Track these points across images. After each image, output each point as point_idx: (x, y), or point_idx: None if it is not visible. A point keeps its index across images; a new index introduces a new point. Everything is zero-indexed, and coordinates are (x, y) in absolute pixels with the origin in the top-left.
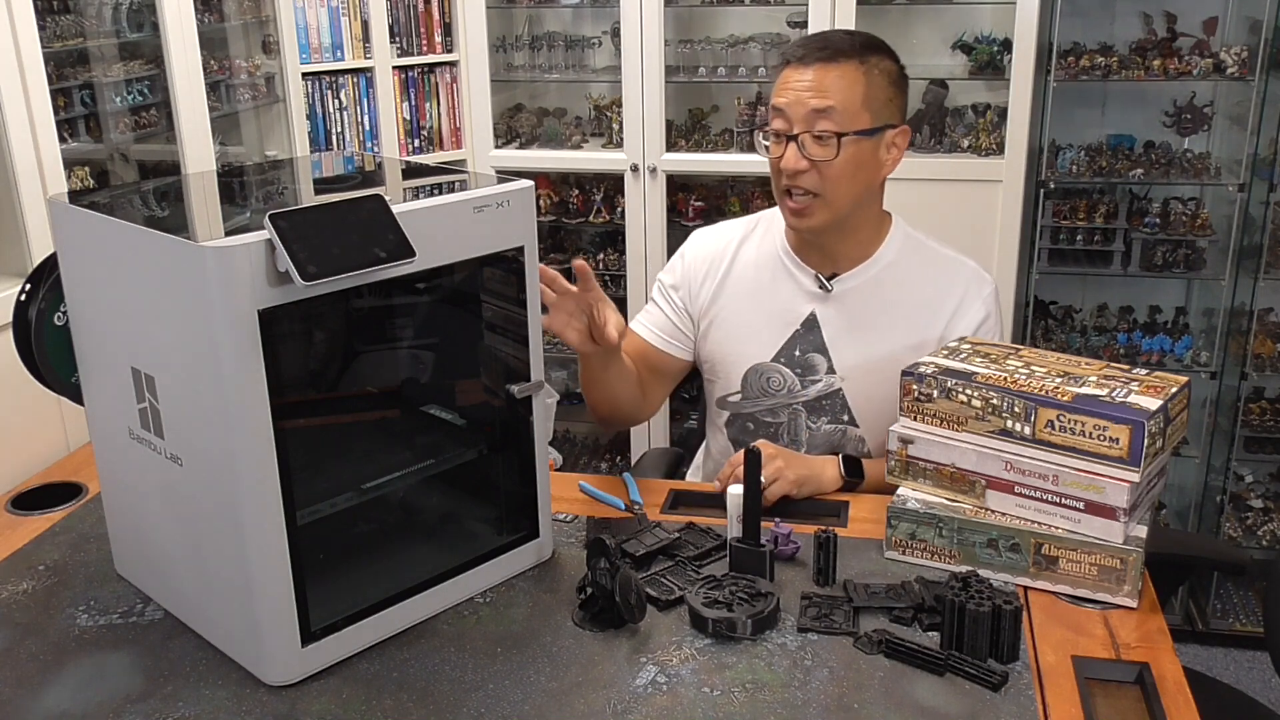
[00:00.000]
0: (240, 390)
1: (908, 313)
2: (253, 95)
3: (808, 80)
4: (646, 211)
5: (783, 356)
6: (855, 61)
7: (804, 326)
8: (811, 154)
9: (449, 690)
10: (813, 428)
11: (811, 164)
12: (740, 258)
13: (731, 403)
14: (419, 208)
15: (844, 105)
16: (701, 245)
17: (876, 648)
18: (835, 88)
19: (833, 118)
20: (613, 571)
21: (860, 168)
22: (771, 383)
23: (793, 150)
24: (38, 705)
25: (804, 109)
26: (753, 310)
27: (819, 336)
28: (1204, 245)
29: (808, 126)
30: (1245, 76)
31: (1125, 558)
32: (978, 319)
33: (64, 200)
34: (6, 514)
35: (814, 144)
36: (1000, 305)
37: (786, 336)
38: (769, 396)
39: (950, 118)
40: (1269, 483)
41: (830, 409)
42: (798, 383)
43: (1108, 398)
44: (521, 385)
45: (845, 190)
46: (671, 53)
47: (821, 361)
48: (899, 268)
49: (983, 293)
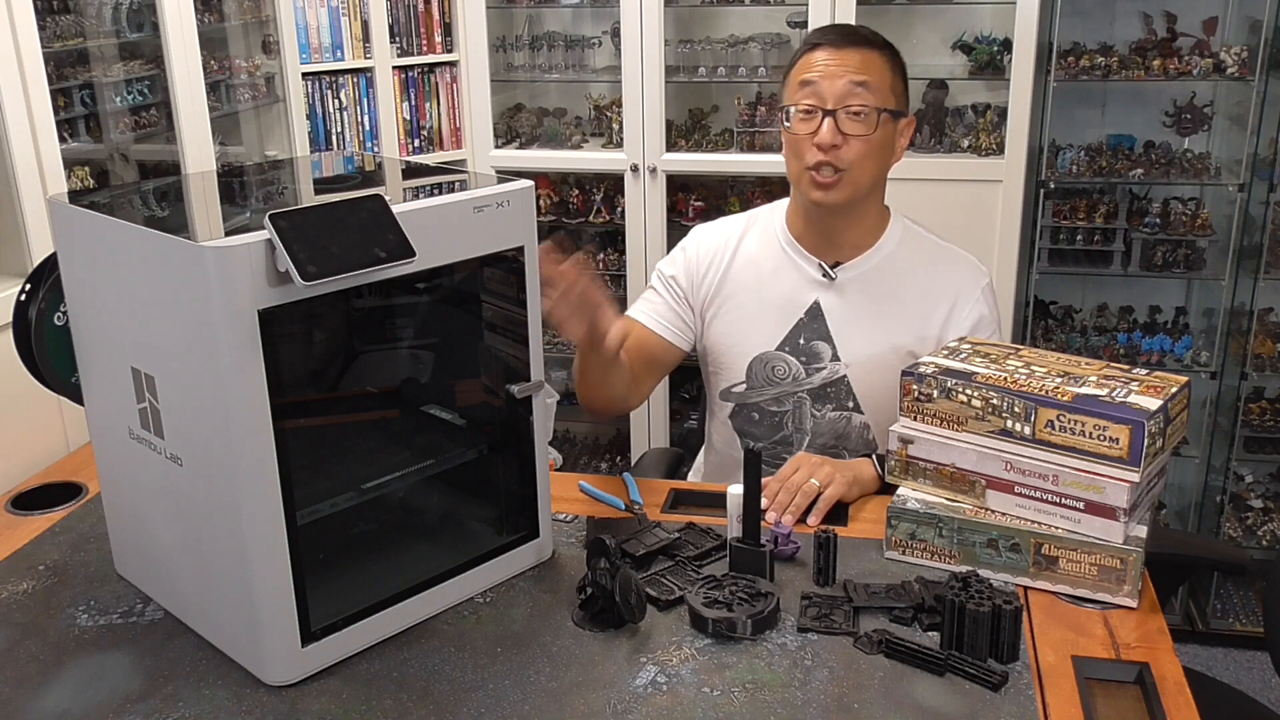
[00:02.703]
0: (240, 390)
1: (909, 302)
2: (253, 95)
3: (842, 58)
4: (646, 211)
5: (787, 345)
6: (879, 49)
7: (808, 315)
8: (848, 129)
9: (449, 690)
10: (817, 415)
11: (845, 140)
12: (742, 251)
13: (736, 393)
14: (419, 208)
15: (876, 83)
16: (703, 239)
17: (876, 648)
18: (870, 67)
19: (870, 91)
20: (613, 571)
21: (884, 148)
22: (776, 371)
23: (829, 125)
24: (38, 705)
25: (841, 83)
26: (756, 300)
27: (823, 324)
28: (1204, 245)
29: (843, 102)
30: (1245, 76)
31: (1125, 558)
32: (976, 311)
33: (64, 200)
34: (6, 514)
35: (850, 119)
36: (995, 296)
37: (791, 325)
38: (774, 385)
39: (950, 118)
40: (1269, 483)
41: (835, 396)
42: (802, 370)
43: (1108, 398)
44: (521, 385)
45: (870, 169)
46: (671, 53)
47: (826, 349)
48: (899, 258)
49: (980, 284)
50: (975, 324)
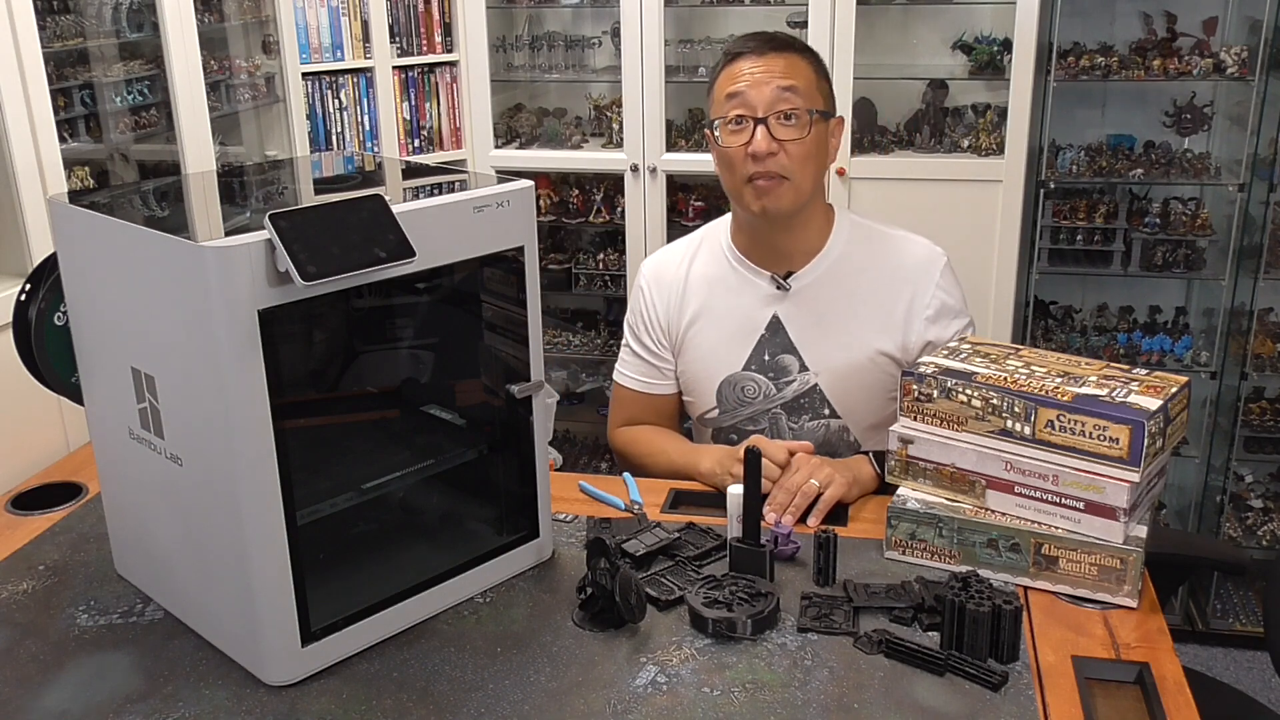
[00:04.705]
0: (240, 390)
1: (868, 298)
2: (253, 95)
3: (767, 64)
4: (646, 211)
5: (753, 364)
6: (798, 52)
7: (769, 330)
8: (780, 135)
9: (449, 690)
10: (795, 428)
11: (780, 146)
12: (692, 275)
13: (710, 419)
14: (419, 208)
15: (804, 86)
16: (652, 273)
17: (876, 648)
18: (795, 71)
19: (799, 95)
20: (613, 571)
21: (820, 149)
22: (746, 391)
23: (762, 133)
24: (38, 705)
25: (768, 90)
26: (715, 325)
27: (786, 337)
28: (1204, 245)
29: (773, 108)
30: (1245, 76)
31: (1125, 558)
32: (937, 299)
33: (64, 200)
34: (6, 514)
35: (781, 125)
36: (956, 276)
37: (754, 343)
38: (746, 405)
39: (950, 118)
40: (1269, 483)
41: (810, 406)
42: (772, 387)
43: (1108, 398)
44: (521, 385)
45: (809, 171)
46: (671, 53)
47: (793, 361)
48: (852, 257)
49: (937, 266)
50: (938, 311)
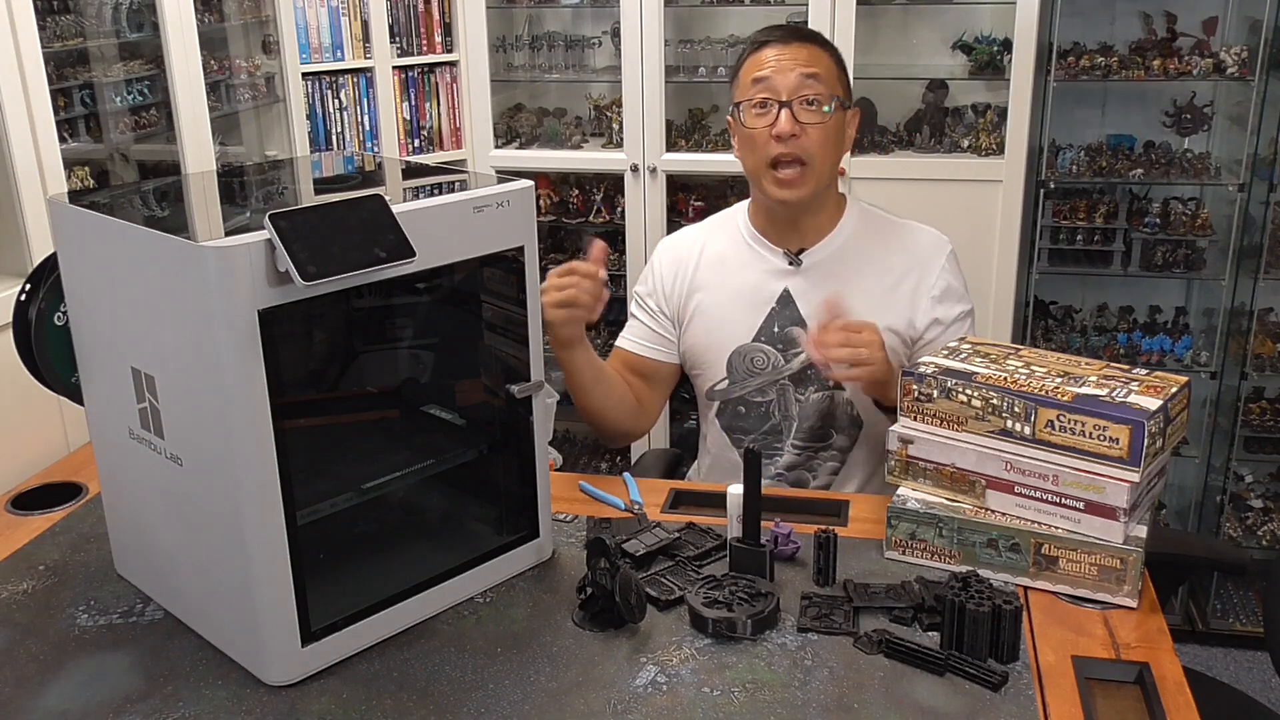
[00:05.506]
0: (240, 390)
1: (877, 277)
2: (253, 95)
3: (792, 53)
4: (646, 211)
5: (763, 335)
6: (822, 45)
7: (779, 303)
8: (804, 118)
9: (449, 690)
10: (801, 399)
11: (803, 129)
12: (707, 252)
13: (720, 390)
14: (419, 208)
15: (825, 74)
16: (668, 249)
17: (876, 648)
18: (817, 60)
19: (822, 81)
20: (613, 571)
21: (839, 135)
22: (755, 362)
23: (786, 115)
24: (38, 705)
25: (793, 76)
26: (727, 297)
27: (795, 310)
28: (1204, 245)
29: (797, 93)
30: (1245, 76)
31: (1125, 558)
32: (944, 280)
33: (64, 200)
34: (6, 514)
35: (805, 109)
36: (960, 265)
37: (764, 315)
38: (755, 376)
39: (950, 118)
40: (1269, 483)
41: (816, 378)
42: (780, 358)
43: (1108, 398)
44: (521, 385)
45: (829, 157)
46: (671, 53)
47: (801, 334)
48: (862, 238)
49: (944, 252)
50: (944, 292)
